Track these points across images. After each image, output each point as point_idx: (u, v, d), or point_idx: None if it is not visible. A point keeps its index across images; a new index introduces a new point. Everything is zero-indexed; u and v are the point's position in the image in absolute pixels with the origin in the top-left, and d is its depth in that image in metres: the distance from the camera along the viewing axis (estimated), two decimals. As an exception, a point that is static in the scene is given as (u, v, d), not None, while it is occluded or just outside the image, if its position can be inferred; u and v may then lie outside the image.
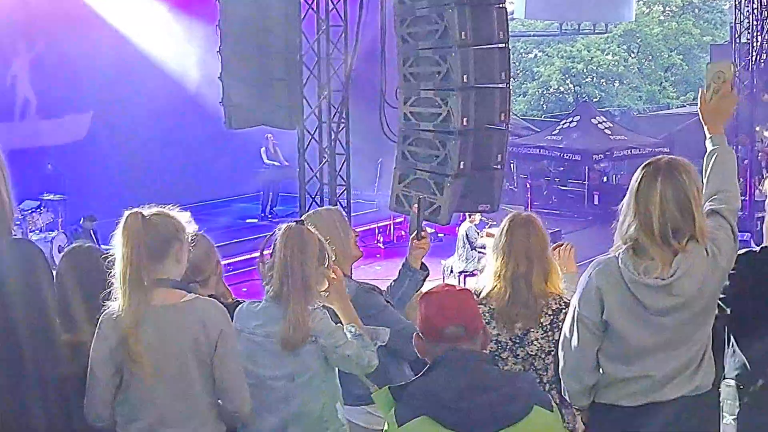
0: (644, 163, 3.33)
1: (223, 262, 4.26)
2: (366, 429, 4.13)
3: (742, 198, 20.37)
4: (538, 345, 3.89)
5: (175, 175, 17.73)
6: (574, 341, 3.34)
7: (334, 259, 3.70)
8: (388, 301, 4.19)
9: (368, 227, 17.23)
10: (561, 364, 3.45)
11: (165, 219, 3.35)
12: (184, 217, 3.45)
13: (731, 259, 3.33)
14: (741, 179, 20.66)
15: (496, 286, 3.95)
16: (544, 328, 3.89)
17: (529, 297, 3.90)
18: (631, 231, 3.24)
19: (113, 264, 3.29)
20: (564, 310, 3.85)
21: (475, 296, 3.93)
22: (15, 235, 3.16)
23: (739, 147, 21.41)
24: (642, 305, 3.22)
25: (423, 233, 4.47)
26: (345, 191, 10.83)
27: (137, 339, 3.21)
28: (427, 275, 4.41)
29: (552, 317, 3.91)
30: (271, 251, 3.64)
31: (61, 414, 3.33)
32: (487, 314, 3.91)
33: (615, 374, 3.31)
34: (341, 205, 10.74)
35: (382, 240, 18.25)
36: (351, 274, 4.20)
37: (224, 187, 20.03)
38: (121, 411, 3.34)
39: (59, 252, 14.22)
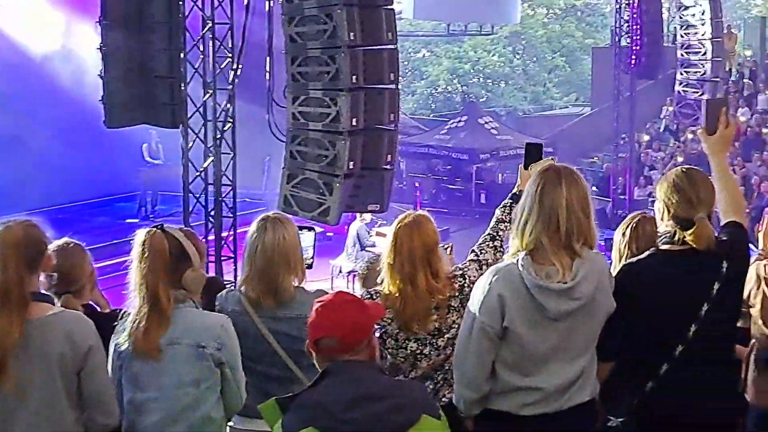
0: (542, 169, 3.39)
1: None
2: None
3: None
4: (458, 326, 3.81)
5: (50, 175, 17.16)
6: (473, 350, 3.31)
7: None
8: None
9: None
10: (457, 374, 3.42)
11: (36, 230, 3.26)
12: (45, 227, 3.34)
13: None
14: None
15: (390, 289, 3.93)
16: (457, 309, 3.91)
17: (417, 297, 3.89)
18: (533, 234, 3.26)
19: None
20: (464, 283, 3.92)
21: (380, 299, 3.92)
22: None
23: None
24: (542, 310, 3.23)
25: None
26: (231, 191, 10.64)
27: (5, 354, 3.10)
28: None
29: (460, 296, 3.92)
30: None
31: None
32: (395, 319, 3.92)
33: (510, 382, 3.31)
34: (227, 205, 10.57)
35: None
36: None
37: (102, 186, 19.47)
38: None
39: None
